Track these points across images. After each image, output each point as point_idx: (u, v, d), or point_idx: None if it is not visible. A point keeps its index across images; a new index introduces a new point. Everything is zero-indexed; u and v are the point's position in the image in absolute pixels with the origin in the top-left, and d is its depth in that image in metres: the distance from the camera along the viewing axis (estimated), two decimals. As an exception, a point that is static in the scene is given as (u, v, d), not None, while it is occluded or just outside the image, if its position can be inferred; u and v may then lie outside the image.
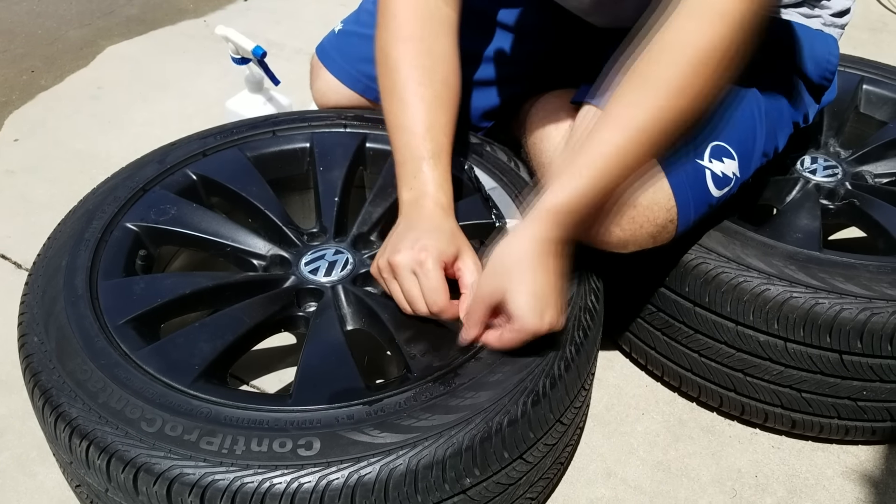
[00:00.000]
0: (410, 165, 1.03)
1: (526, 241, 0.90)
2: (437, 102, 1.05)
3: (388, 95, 1.07)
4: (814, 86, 1.18)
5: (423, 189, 1.02)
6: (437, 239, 0.96)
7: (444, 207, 1.01)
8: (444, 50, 1.08)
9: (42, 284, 1.02)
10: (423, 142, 1.03)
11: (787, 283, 1.06)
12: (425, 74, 1.05)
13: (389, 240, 1.00)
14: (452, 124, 1.07)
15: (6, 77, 2.13)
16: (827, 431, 1.17)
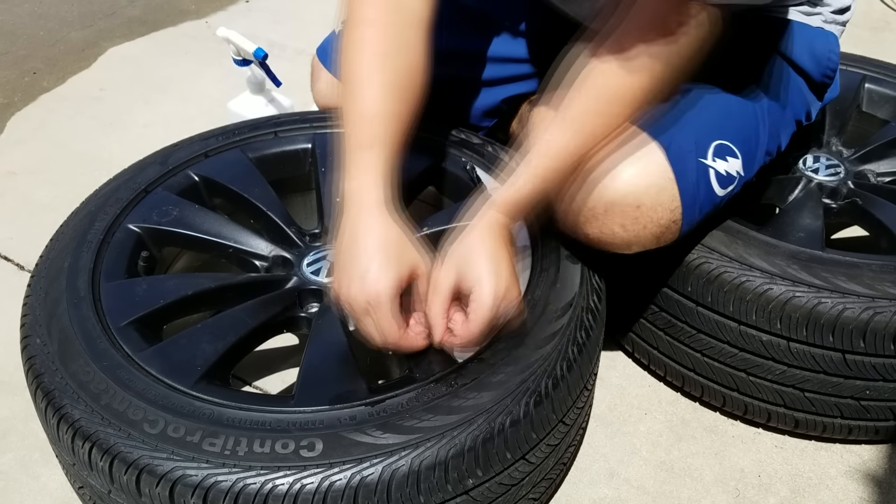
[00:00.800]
0: (353, 154, 0.97)
1: (478, 230, 0.95)
2: (392, 90, 1.00)
3: (344, 81, 1.02)
4: (815, 83, 1.17)
5: (363, 180, 0.96)
6: (388, 266, 0.91)
7: (387, 205, 0.95)
8: (409, 40, 1.04)
9: (44, 286, 1.02)
10: (370, 128, 0.98)
11: (789, 282, 1.06)
12: (385, 61, 1.01)
13: (337, 258, 0.95)
14: (408, 115, 1.02)
15: (8, 79, 2.13)
16: (830, 431, 1.17)
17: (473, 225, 0.96)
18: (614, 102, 0.95)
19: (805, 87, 1.17)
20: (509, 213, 0.97)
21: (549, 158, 0.96)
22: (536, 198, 0.98)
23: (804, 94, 1.17)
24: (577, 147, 0.96)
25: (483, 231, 0.95)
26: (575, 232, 1.03)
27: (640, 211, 0.99)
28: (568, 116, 0.96)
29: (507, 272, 0.93)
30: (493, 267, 0.92)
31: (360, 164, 0.97)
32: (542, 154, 0.96)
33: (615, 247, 1.03)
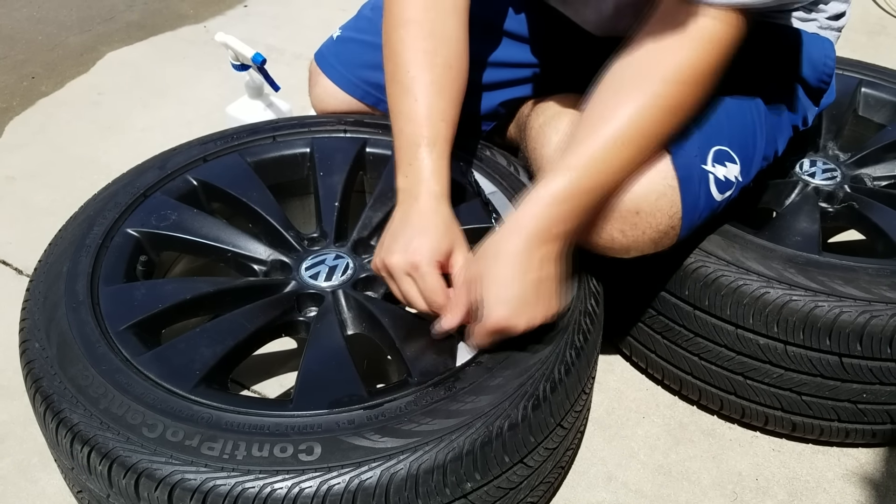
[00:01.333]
0: (406, 152, 1.03)
1: (514, 234, 0.92)
2: (435, 88, 1.04)
3: (390, 80, 1.07)
4: (811, 89, 1.18)
5: (417, 177, 1.01)
6: (430, 237, 0.96)
7: (438, 197, 1.00)
8: (449, 32, 1.07)
9: (43, 290, 1.02)
10: (419, 128, 1.02)
11: (786, 286, 1.06)
12: (426, 58, 1.04)
13: (386, 235, 1.01)
14: (454, 109, 1.06)
15: (7, 83, 2.13)
16: (827, 434, 1.17)
17: (513, 225, 0.92)
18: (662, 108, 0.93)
19: (801, 92, 1.17)
20: (557, 217, 0.92)
21: (601, 162, 0.92)
22: (585, 203, 0.93)
23: (801, 100, 1.17)
24: (622, 163, 0.94)
25: (516, 241, 0.91)
26: None
27: (639, 217, 0.99)
28: (617, 122, 0.92)
29: (526, 291, 0.90)
30: (510, 280, 0.90)
31: (414, 163, 1.01)
32: (592, 156, 0.92)
33: (614, 252, 1.03)
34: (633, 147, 0.93)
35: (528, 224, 0.91)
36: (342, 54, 1.36)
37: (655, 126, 0.93)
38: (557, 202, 0.91)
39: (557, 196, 0.91)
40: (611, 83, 0.95)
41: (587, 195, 0.93)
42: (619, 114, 0.92)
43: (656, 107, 0.92)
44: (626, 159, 0.93)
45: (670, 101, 0.92)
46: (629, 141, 0.92)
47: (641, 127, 0.92)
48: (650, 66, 0.92)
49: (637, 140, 0.93)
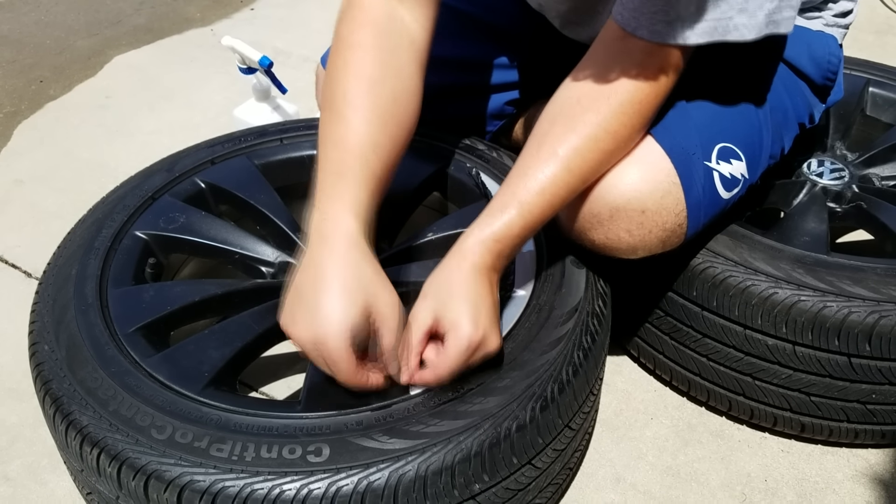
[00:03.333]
0: (325, 183, 0.90)
1: (462, 268, 0.89)
2: (377, 119, 0.93)
3: (325, 106, 0.96)
4: (817, 86, 1.18)
5: (334, 213, 0.88)
6: (340, 302, 0.83)
7: (354, 240, 0.87)
8: (401, 64, 0.98)
9: (52, 293, 1.03)
10: (348, 156, 0.91)
11: (794, 286, 1.06)
12: (370, 86, 0.94)
13: (289, 290, 0.89)
14: (393, 147, 0.95)
15: (15, 87, 2.14)
16: (836, 435, 1.17)
17: (457, 263, 0.90)
18: (604, 138, 0.93)
19: (807, 89, 1.17)
20: (498, 252, 0.91)
21: (541, 195, 0.91)
22: (524, 236, 0.93)
23: (806, 97, 1.17)
24: (569, 184, 0.93)
25: (467, 272, 0.89)
26: (580, 238, 1.03)
27: (646, 216, 0.99)
28: (560, 152, 0.92)
29: (486, 320, 0.87)
30: (472, 314, 0.86)
31: (333, 193, 0.89)
32: (533, 191, 0.91)
33: (621, 252, 1.03)
34: (575, 177, 0.93)
35: (475, 259, 0.89)
36: None
37: (597, 156, 0.93)
38: (500, 239, 0.90)
39: (500, 234, 0.90)
40: (553, 113, 0.95)
41: (529, 228, 0.92)
42: (562, 146, 0.92)
43: (597, 138, 0.92)
44: (569, 189, 0.93)
45: (613, 131, 0.92)
46: (572, 172, 0.92)
47: (583, 158, 0.92)
48: (592, 97, 0.92)
49: (579, 171, 0.93)
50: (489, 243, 0.90)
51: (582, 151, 0.92)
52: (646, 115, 0.94)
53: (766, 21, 0.89)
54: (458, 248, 0.91)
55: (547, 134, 0.94)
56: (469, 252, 0.90)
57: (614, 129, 0.92)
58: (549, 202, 0.92)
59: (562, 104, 0.95)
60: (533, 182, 0.92)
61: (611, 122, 0.92)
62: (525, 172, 0.93)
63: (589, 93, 0.93)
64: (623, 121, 0.92)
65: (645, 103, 0.93)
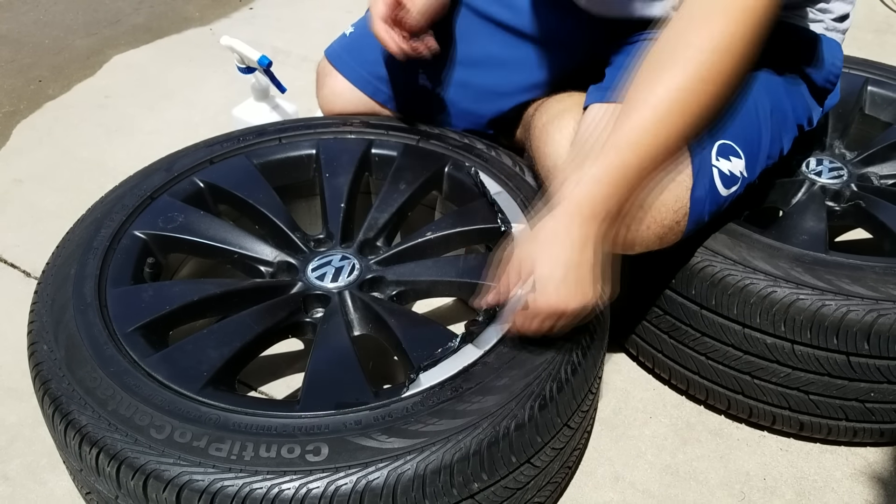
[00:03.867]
0: None
1: (564, 217, 0.89)
2: None
3: None
4: (817, 88, 1.18)
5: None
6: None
7: None
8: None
9: (51, 293, 1.03)
10: None
11: (793, 285, 1.06)
12: None
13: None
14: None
15: (14, 86, 2.14)
16: (835, 433, 1.17)
17: (562, 210, 0.90)
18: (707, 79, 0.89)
19: (807, 92, 1.17)
20: (598, 199, 0.89)
21: (646, 135, 0.89)
22: (630, 179, 0.90)
23: (805, 99, 1.17)
24: (666, 139, 0.90)
25: (568, 221, 0.89)
26: None
27: (643, 211, 0.99)
28: (660, 91, 0.89)
29: (580, 272, 0.88)
30: (565, 261, 0.88)
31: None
32: (637, 129, 0.89)
33: (618, 248, 1.03)
34: (674, 122, 0.90)
35: (575, 204, 0.89)
36: (354, 50, 1.37)
37: (697, 98, 0.90)
38: (603, 181, 0.89)
39: (602, 175, 0.89)
40: (649, 61, 0.93)
41: (632, 172, 0.90)
42: (659, 89, 0.89)
43: (696, 79, 0.89)
44: (670, 135, 0.90)
45: (709, 71, 0.89)
46: (671, 116, 0.89)
47: (682, 100, 0.89)
48: (686, 39, 0.90)
49: (678, 114, 0.90)
50: (593, 185, 0.89)
51: (680, 95, 0.89)
52: (740, 54, 0.90)
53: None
54: (564, 199, 0.91)
55: (648, 75, 0.92)
56: (570, 195, 0.90)
57: (709, 70, 0.89)
58: (653, 146, 0.90)
59: (657, 52, 0.93)
60: (634, 126, 0.89)
61: (706, 62, 0.88)
62: (628, 112, 0.91)
63: (681, 37, 0.91)
64: (718, 59, 0.89)
65: (737, 42, 0.89)
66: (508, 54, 1.33)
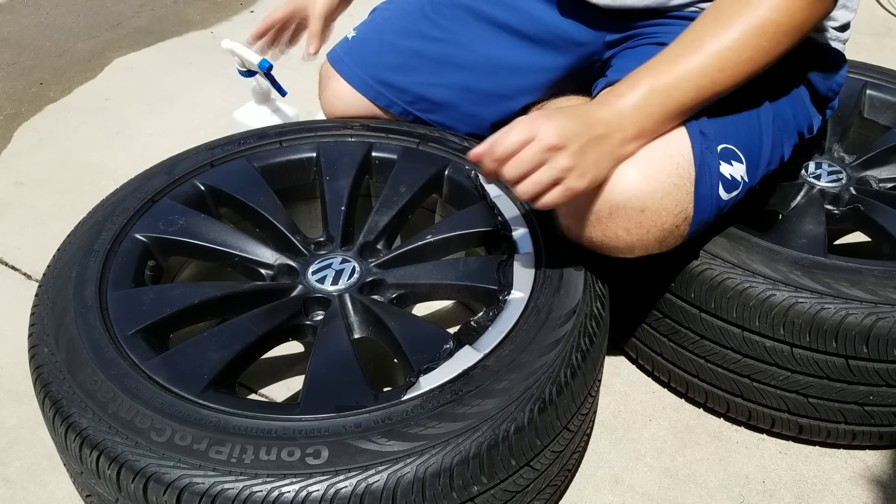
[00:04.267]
0: None
1: (586, 110, 0.95)
2: None
3: None
4: (819, 96, 1.18)
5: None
6: None
7: None
8: None
9: (52, 295, 1.03)
10: None
11: (792, 288, 1.06)
12: None
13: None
14: None
15: (15, 89, 2.15)
16: (834, 436, 1.17)
17: (583, 106, 0.95)
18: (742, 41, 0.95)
19: (808, 99, 1.17)
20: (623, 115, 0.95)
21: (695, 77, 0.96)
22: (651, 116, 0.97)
23: (807, 107, 1.18)
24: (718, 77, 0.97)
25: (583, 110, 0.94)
26: (577, 236, 1.03)
27: (644, 215, 0.99)
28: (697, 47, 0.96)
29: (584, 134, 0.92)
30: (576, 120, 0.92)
31: None
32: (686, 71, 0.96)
33: (618, 251, 1.03)
34: (715, 64, 0.95)
35: (605, 104, 0.95)
36: (357, 54, 1.37)
37: (741, 48, 0.95)
38: (634, 97, 0.95)
39: (635, 92, 0.95)
40: (711, 7, 0.98)
41: (661, 98, 0.95)
42: (709, 31, 0.96)
43: (747, 31, 0.94)
44: (707, 75, 0.96)
45: (763, 28, 0.94)
46: (713, 56, 0.95)
47: (726, 46, 0.95)
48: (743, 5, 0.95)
49: (720, 58, 0.95)
50: (643, 93, 0.95)
51: (725, 40, 0.95)
52: (796, 28, 0.96)
53: None
54: (596, 98, 0.96)
55: (697, 24, 0.98)
56: (600, 104, 0.96)
57: (760, 25, 0.95)
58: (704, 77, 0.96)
59: (720, 5, 0.98)
60: (674, 62, 0.96)
61: (760, 17, 0.94)
62: (668, 54, 0.97)
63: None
64: (773, 17, 0.94)
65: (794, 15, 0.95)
66: (510, 57, 1.33)
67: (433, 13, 1.35)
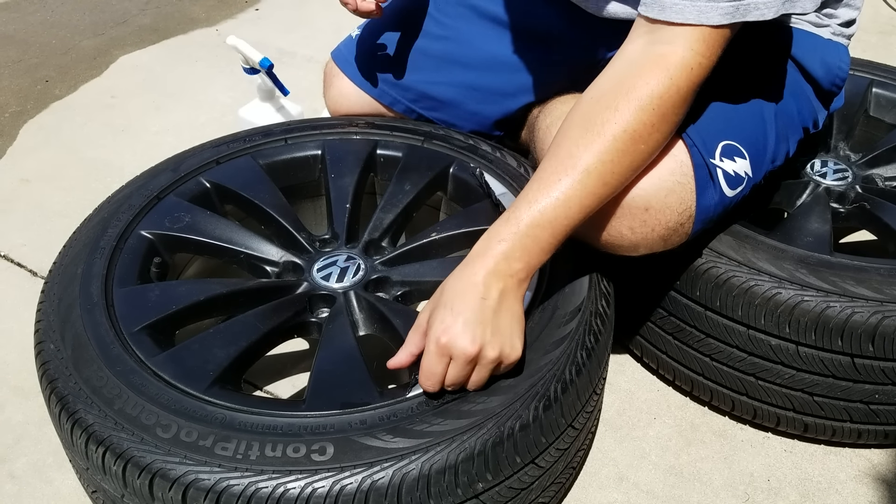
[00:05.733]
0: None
1: (473, 264, 0.88)
2: None
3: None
4: (823, 91, 1.18)
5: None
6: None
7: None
8: None
9: (58, 292, 1.03)
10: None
11: (798, 286, 1.06)
12: None
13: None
14: None
15: (21, 86, 2.15)
16: (839, 435, 1.17)
17: (471, 267, 0.89)
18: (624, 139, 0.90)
19: (812, 95, 1.17)
20: (510, 255, 0.89)
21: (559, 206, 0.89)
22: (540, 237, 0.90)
23: (811, 102, 1.17)
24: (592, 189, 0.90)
25: (477, 279, 0.87)
26: (582, 234, 1.03)
27: (649, 213, 0.99)
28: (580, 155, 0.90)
29: (485, 331, 0.86)
30: (468, 323, 0.86)
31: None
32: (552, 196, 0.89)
33: (622, 249, 1.03)
34: (597, 180, 0.90)
35: (476, 263, 0.88)
36: (361, 53, 1.37)
37: (621, 158, 0.90)
38: (518, 236, 0.88)
39: (519, 230, 0.89)
40: (577, 113, 0.93)
41: (549, 229, 0.89)
42: (583, 146, 0.90)
43: (621, 139, 0.89)
44: (590, 193, 0.90)
45: (636, 131, 0.90)
46: (592, 173, 0.89)
47: (605, 160, 0.89)
48: (616, 94, 0.90)
49: (601, 173, 0.90)
50: (508, 238, 0.88)
51: (603, 154, 0.89)
52: (670, 115, 0.91)
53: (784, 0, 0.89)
54: (475, 250, 0.90)
55: (567, 137, 0.92)
56: (473, 257, 0.89)
57: (633, 129, 0.90)
58: (570, 203, 0.89)
59: (583, 105, 0.93)
60: (554, 181, 0.90)
61: (629, 122, 0.89)
62: (546, 176, 0.90)
63: (608, 91, 0.91)
64: (643, 118, 0.90)
65: (667, 103, 0.90)
66: (513, 55, 1.33)
67: (436, 11, 1.35)
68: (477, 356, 0.86)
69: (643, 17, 0.92)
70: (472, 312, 0.86)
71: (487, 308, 0.87)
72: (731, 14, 0.88)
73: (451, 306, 0.87)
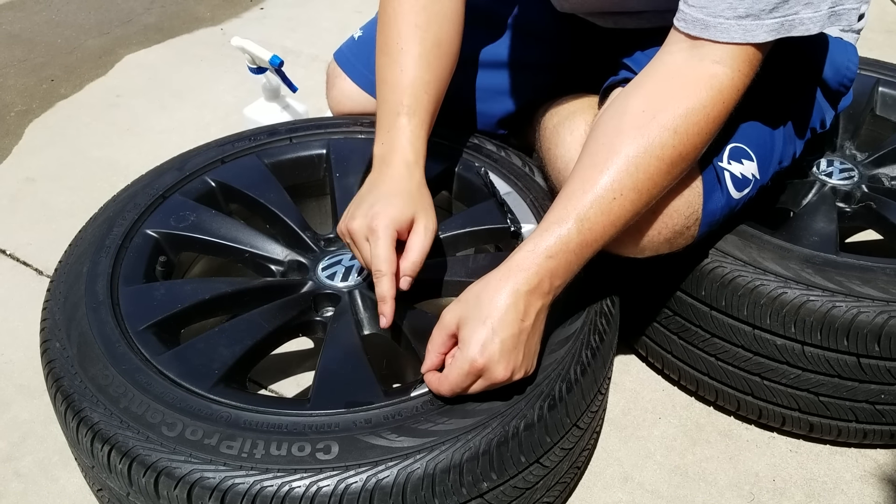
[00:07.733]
0: (385, 119, 1.04)
1: (501, 287, 0.86)
2: (423, 61, 1.05)
3: (380, 51, 1.09)
4: (831, 91, 1.17)
5: (392, 144, 1.02)
6: (393, 204, 0.95)
7: (411, 165, 1.01)
8: (443, 10, 1.08)
9: (64, 291, 1.03)
10: (400, 96, 1.04)
11: (803, 286, 1.06)
12: (416, 32, 1.06)
13: (353, 200, 1.01)
14: (438, 84, 1.07)
15: (26, 86, 2.15)
16: (845, 435, 1.17)
17: (500, 279, 0.87)
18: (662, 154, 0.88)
19: (820, 94, 1.17)
20: (551, 272, 0.87)
21: (591, 226, 0.88)
22: (581, 256, 0.89)
23: (819, 102, 1.17)
24: (617, 216, 0.89)
25: (504, 293, 0.85)
26: None
27: (655, 216, 0.99)
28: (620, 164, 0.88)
29: (495, 348, 0.84)
30: (484, 339, 0.84)
31: (392, 129, 1.03)
32: (592, 205, 0.88)
33: (628, 251, 1.03)
34: (628, 200, 0.88)
35: (520, 276, 0.86)
36: (363, 54, 1.37)
37: (652, 177, 0.89)
38: (550, 256, 0.87)
39: (550, 250, 0.87)
40: (607, 127, 0.91)
41: (581, 249, 0.88)
42: (614, 164, 0.88)
43: (654, 157, 0.88)
44: (621, 212, 0.89)
45: (669, 151, 0.88)
46: (624, 193, 0.88)
47: (637, 179, 0.88)
48: (650, 112, 0.88)
49: (632, 192, 0.88)
50: (540, 260, 0.86)
51: (635, 173, 0.88)
52: (704, 135, 0.90)
53: (829, 13, 0.87)
54: (507, 262, 0.88)
55: (619, 153, 0.89)
56: (516, 269, 0.87)
57: (669, 150, 0.88)
58: (602, 222, 0.88)
59: (617, 119, 0.91)
60: (585, 200, 0.88)
61: (667, 143, 0.88)
62: (577, 190, 0.89)
63: (645, 109, 0.89)
64: (680, 141, 0.88)
65: (703, 123, 0.88)
66: (516, 54, 1.33)
67: None
68: (503, 380, 0.86)
69: (682, 32, 0.90)
70: (510, 337, 0.85)
71: (524, 331, 0.86)
72: (776, 31, 0.86)
73: (490, 324, 0.85)
